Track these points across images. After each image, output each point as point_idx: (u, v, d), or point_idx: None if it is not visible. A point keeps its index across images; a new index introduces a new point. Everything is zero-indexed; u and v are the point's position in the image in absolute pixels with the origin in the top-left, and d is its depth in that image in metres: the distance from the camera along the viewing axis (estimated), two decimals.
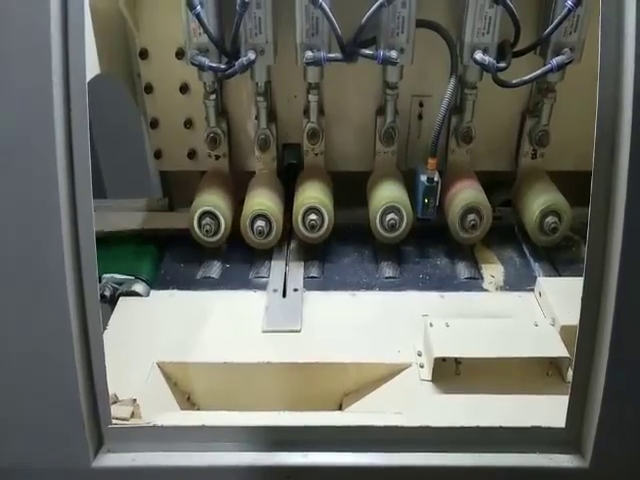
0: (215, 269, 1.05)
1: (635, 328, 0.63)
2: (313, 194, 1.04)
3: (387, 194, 1.04)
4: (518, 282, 1.01)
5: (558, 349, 0.79)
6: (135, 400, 0.75)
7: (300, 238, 1.06)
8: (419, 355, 0.84)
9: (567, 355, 0.78)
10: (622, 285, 0.60)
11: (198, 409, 0.86)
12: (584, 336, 0.64)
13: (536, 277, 0.99)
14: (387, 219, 1.03)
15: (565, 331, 0.83)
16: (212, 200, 1.04)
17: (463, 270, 1.04)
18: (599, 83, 0.59)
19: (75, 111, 0.61)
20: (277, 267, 1.05)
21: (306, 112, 1.06)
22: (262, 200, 1.04)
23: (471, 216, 1.03)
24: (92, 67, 0.91)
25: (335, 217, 1.04)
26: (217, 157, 1.11)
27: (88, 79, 0.62)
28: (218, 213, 1.03)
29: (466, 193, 1.04)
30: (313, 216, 1.02)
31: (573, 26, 0.94)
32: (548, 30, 0.92)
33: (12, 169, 0.61)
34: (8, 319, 0.65)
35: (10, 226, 0.62)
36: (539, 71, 0.94)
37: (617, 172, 0.60)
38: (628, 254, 0.60)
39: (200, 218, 1.03)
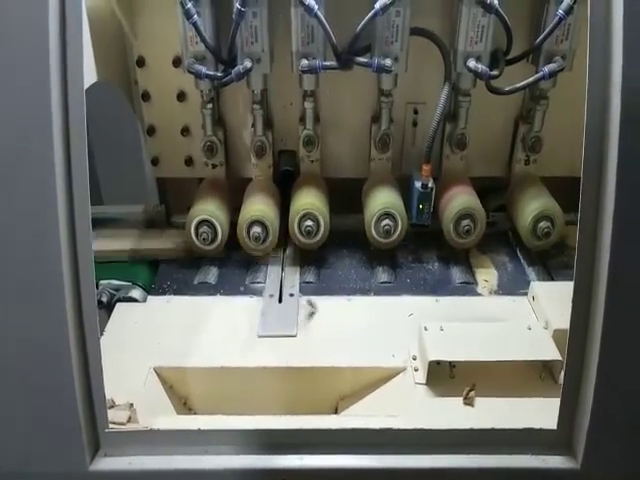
0: (212, 275, 1.06)
1: (625, 331, 0.64)
2: (309, 200, 1.04)
3: (382, 200, 1.05)
4: (512, 286, 1.02)
5: (551, 352, 0.80)
6: (132, 405, 0.76)
7: (296, 244, 1.07)
8: (414, 359, 0.85)
9: (560, 358, 0.79)
10: (611, 288, 0.61)
11: (195, 413, 0.87)
12: (575, 339, 0.65)
13: (529, 281, 1.00)
14: (382, 225, 1.04)
15: (558, 334, 0.83)
16: (209, 209, 1.05)
17: (457, 275, 1.05)
18: (587, 90, 0.60)
19: (73, 118, 0.61)
20: (273, 272, 1.06)
21: (302, 119, 1.07)
22: (258, 206, 1.05)
23: (465, 222, 1.04)
24: (90, 75, 0.92)
25: (330, 223, 1.05)
26: (214, 166, 1.12)
27: (86, 86, 0.63)
28: (215, 221, 1.04)
29: (460, 199, 1.05)
30: (309, 222, 1.03)
31: (564, 34, 0.96)
32: (540, 38, 0.94)
33: (10, 176, 0.62)
34: (6, 324, 0.65)
35: (8, 232, 0.63)
36: (531, 78, 0.96)
37: (605, 178, 0.61)
38: (617, 258, 0.61)
39: (197, 227, 1.04)
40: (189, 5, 0.89)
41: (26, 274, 0.64)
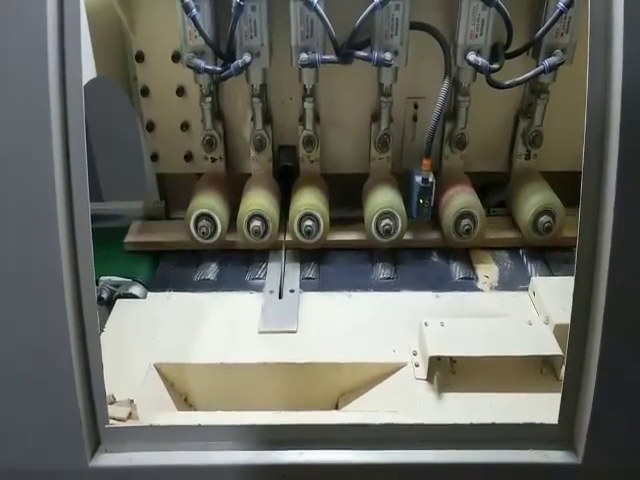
0: (212, 271, 1.06)
1: (626, 326, 0.63)
2: (309, 200, 1.04)
3: (382, 200, 1.05)
4: (512, 282, 1.02)
5: (551, 347, 0.80)
6: (132, 401, 0.76)
7: (296, 244, 1.07)
8: (414, 354, 0.84)
9: (560, 353, 0.79)
10: (612, 283, 0.61)
11: (195, 410, 0.87)
12: (576, 334, 0.65)
13: (530, 276, 1.00)
14: (382, 224, 1.04)
15: (559, 329, 0.83)
16: (208, 202, 1.04)
17: (458, 270, 1.05)
18: (588, 83, 0.59)
19: (72, 115, 0.61)
20: (273, 268, 1.05)
21: (301, 119, 1.07)
22: (258, 200, 1.05)
23: (465, 221, 1.04)
24: (88, 70, 0.91)
25: (330, 220, 1.05)
26: (213, 160, 1.11)
27: (84, 82, 0.63)
28: (214, 215, 1.04)
29: (460, 198, 1.05)
30: (309, 222, 1.03)
31: (565, 27, 0.95)
32: (540, 32, 0.93)
33: (9, 172, 0.62)
34: (6, 321, 0.65)
35: (7, 229, 0.63)
36: (531, 72, 0.95)
37: (606, 172, 0.60)
38: (617, 252, 0.60)
39: (196, 220, 1.04)
40: None
41: (26, 271, 0.64)
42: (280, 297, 0.98)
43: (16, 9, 0.59)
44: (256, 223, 1.03)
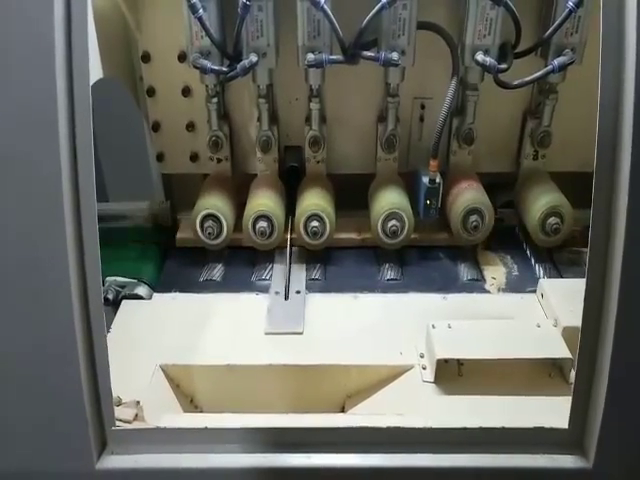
0: (217, 272, 1.06)
1: (638, 329, 0.63)
2: (315, 201, 1.04)
3: (388, 201, 1.04)
4: (520, 283, 1.01)
5: (560, 350, 0.79)
6: (138, 402, 0.76)
7: (301, 244, 1.06)
8: (421, 357, 0.84)
9: (569, 356, 0.78)
10: (624, 286, 0.60)
11: (201, 411, 0.87)
12: (586, 337, 0.64)
13: (538, 278, 0.99)
14: (389, 226, 1.03)
15: (567, 332, 0.83)
16: (214, 203, 1.04)
17: (465, 272, 1.04)
18: (600, 85, 0.59)
19: (79, 116, 0.61)
20: (279, 269, 1.05)
21: (308, 120, 1.07)
22: (264, 201, 1.04)
23: (473, 217, 1.03)
24: (95, 71, 0.91)
25: (337, 222, 1.04)
26: (219, 160, 1.11)
27: (91, 83, 0.62)
28: (220, 216, 1.03)
29: (468, 194, 1.04)
30: (315, 223, 1.03)
31: (574, 27, 0.94)
32: (549, 31, 0.92)
33: (16, 173, 0.61)
34: (12, 322, 0.65)
35: (14, 229, 0.63)
36: (540, 72, 0.94)
37: (619, 174, 0.60)
38: (630, 255, 0.60)
39: (202, 221, 1.04)
40: None
41: (32, 271, 0.64)
42: (286, 298, 0.98)
43: (23, 10, 0.58)
44: (262, 224, 1.03)
